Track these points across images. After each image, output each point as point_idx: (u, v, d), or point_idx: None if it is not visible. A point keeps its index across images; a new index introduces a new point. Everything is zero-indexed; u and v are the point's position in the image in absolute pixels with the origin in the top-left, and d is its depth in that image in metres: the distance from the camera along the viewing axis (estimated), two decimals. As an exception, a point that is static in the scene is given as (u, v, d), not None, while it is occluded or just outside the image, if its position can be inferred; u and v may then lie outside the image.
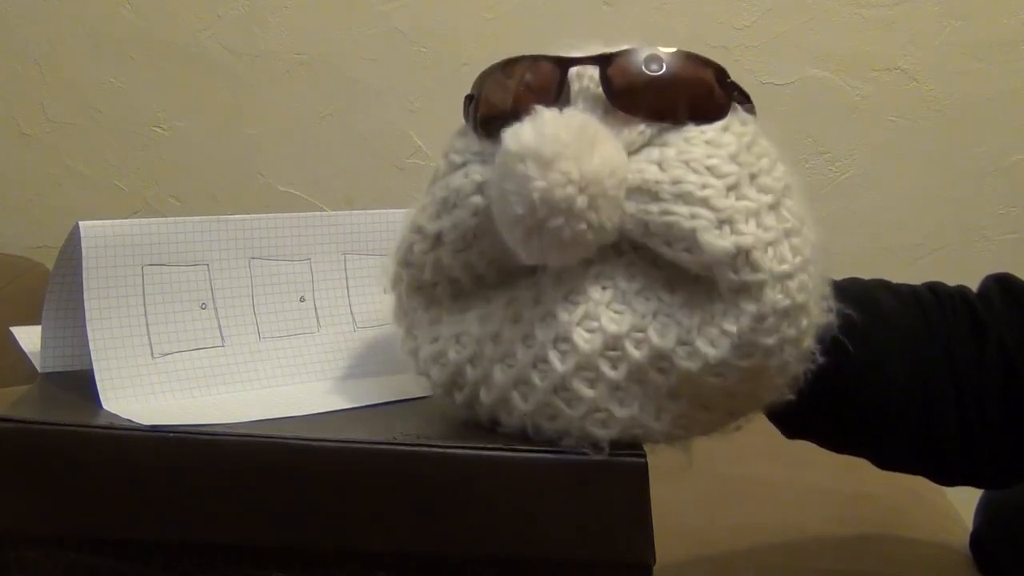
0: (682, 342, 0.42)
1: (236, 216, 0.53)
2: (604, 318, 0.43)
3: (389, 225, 0.57)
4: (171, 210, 1.48)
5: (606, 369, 0.43)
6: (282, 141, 1.47)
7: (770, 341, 0.43)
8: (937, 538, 0.78)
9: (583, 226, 0.41)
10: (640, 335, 0.43)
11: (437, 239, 0.46)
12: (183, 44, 1.46)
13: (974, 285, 0.61)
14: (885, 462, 0.59)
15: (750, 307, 0.42)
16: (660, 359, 0.43)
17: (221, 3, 1.45)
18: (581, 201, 0.41)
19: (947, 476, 0.60)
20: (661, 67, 0.44)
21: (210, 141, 1.48)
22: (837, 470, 0.61)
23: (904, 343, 0.56)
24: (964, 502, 0.77)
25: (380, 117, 1.45)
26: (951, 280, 0.62)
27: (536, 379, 0.43)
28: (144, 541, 0.43)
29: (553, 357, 0.43)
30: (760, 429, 0.55)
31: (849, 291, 0.58)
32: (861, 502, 0.82)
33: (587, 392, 0.43)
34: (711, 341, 0.42)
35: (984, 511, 0.76)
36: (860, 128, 1.39)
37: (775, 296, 0.42)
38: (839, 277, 0.59)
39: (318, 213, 0.55)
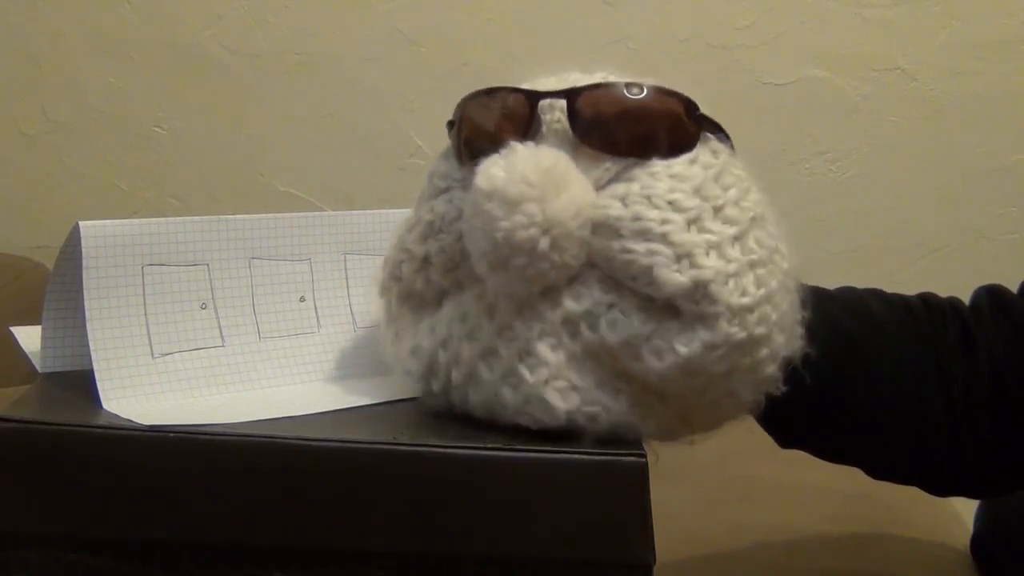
0: (628, 344, 0.43)
1: (236, 216, 0.53)
2: (565, 298, 0.44)
3: (389, 225, 0.57)
4: (171, 210, 1.48)
5: (566, 340, 0.44)
6: (282, 141, 1.47)
7: (719, 368, 0.43)
8: (937, 538, 0.78)
9: (546, 265, 0.42)
10: (593, 322, 0.44)
11: (425, 260, 0.47)
12: (183, 44, 1.46)
13: (974, 285, 0.61)
14: (877, 472, 0.60)
15: (704, 335, 0.42)
16: (608, 349, 0.43)
17: (221, 3, 1.45)
18: (544, 243, 0.42)
19: (938, 487, 0.60)
20: (627, 98, 0.45)
21: (210, 141, 1.48)
22: (837, 470, 0.61)
23: (895, 354, 0.56)
24: (964, 502, 0.77)
25: (380, 117, 1.45)
26: (951, 281, 0.62)
27: (501, 346, 0.44)
28: (144, 541, 0.43)
29: (517, 324, 0.44)
30: (760, 429, 0.56)
31: (842, 300, 0.58)
32: (861, 502, 0.82)
33: (549, 356, 0.43)
34: (658, 353, 0.43)
35: (985, 513, 0.77)
36: (860, 128, 1.39)
37: (730, 329, 0.43)
38: (840, 277, 0.59)
39: (318, 213, 0.55)
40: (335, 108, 1.46)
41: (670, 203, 0.43)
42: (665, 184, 0.44)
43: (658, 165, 0.44)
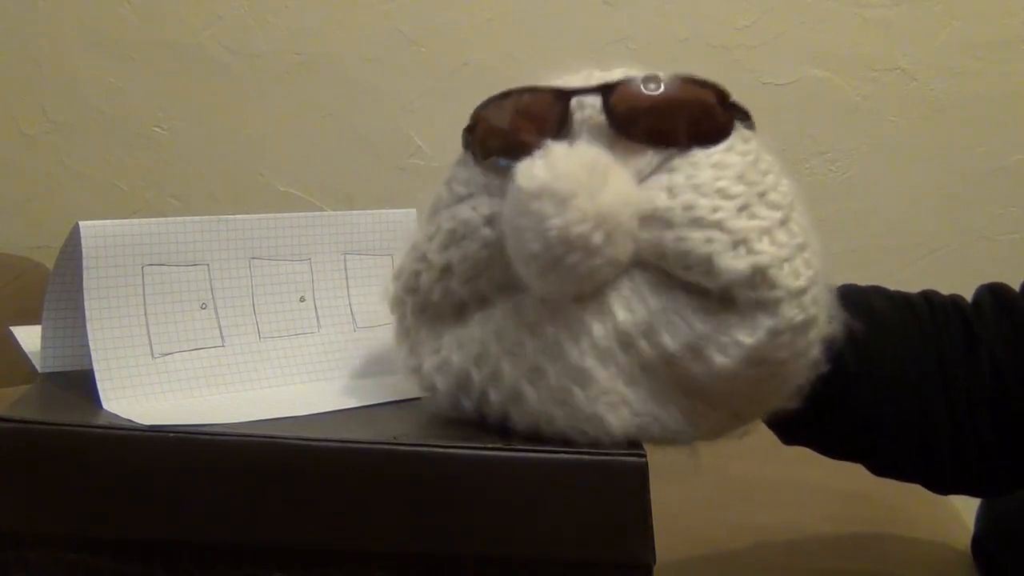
0: (691, 346, 0.43)
1: (236, 216, 0.53)
2: (616, 309, 0.43)
3: (389, 225, 0.57)
4: (171, 210, 1.48)
5: (618, 354, 0.43)
6: (282, 141, 1.47)
7: (782, 354, 0.43)
8: (937, 537, 0.78)
9: (599, 261, 0.42)
10: (650, 331, 0.43)
11: (445, 269, 0.46)
12: (183, 44, 1.46)
13: (974, 285, 0.61)
14: (880, 470, 0.60)
15: (767, 322, 0.42)
16: (668, 357, 0.43)
17: (221, 3, 1.45)
18: (597, 237, 0.41)
19: (939, 485, 0.60)
20: (661, 89, 0.45)
21: (210, 141, 1.48)
22: (837, 469, 0.61)
23: (896, 352, 0.56)
24: (965, 502, 0.77)
25: (380, 117, 1.45)
26: (951, 281, 0.62)
27: (549, 366, 0.43)
28: (144, 541, 0.43)
29: (566, 341, 0.43)
30: (760, 429, 0.55)
31: (844, 298, 0.58)
32: (861, 501, 0.82)
33: (600, 373, 0.43)
34: (722, 349, 0.42)
35: (986, 513, 0.76)
36: (860, 128, 1.39)
37: (792, 312, 0.43)
38: (840, 277, 0.59)
39: (318, 213, 0.55)
40: (335, 108, 1.46)
41: (718, 191, 0.43)
42: (709, 173, 0.44)
43: (698, 154, 0.44)
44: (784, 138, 1.36)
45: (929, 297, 0.60)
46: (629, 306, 0.43)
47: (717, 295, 0.43)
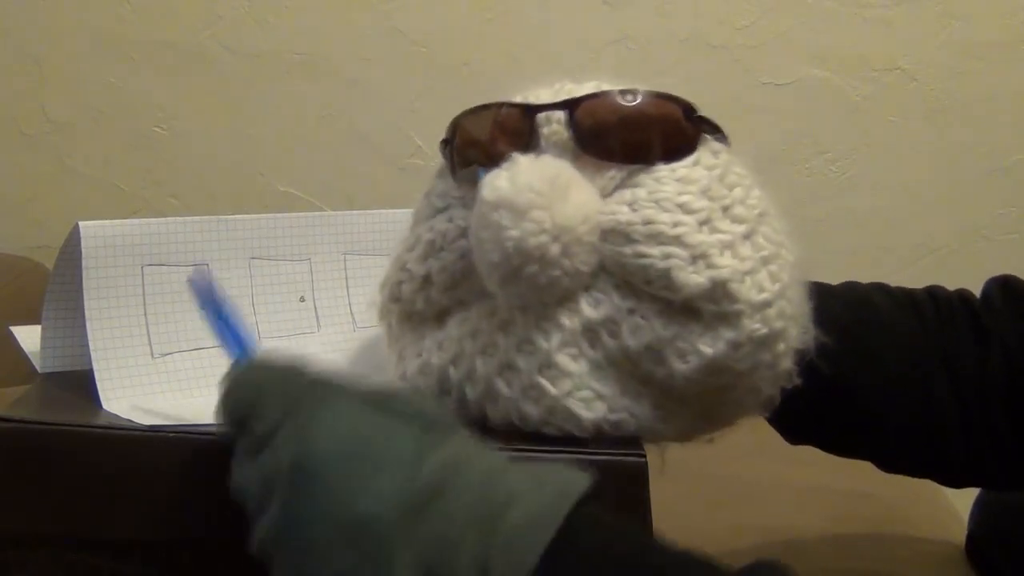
0: (651, 348, 0.43)
1: (236, 216, 0.53)
2: (583, 302, 0.44)
3: (389, 225, 0.57)
4: (171, 210, 1.48)
5: (586, 347, 0.43)
6: (282, 141, 1.47)
7: (743, 366, 0.44)
8: (936, 536, 0.78)
9: (557, 272, 0.42)
10: (614, 328, 0.43)
11: (426, 279, 0.47)
12: (183, 44, 1.46)
13: (973, 285, 0.61)
14: (890, 466, 0.59)
15: (728, 334, 0.43)
16: (630, 355, 0.43)
17: (221, 3, 1.45)
18: (555, 249, 0.42)
19: (953, 479, 0.60)
20: (626, 105, 0.45)
21: (210, 141, 1.48)
22: (837, 469, 0.61)
23: (898, 349, 0.56)
24: (964, 501, 0.77)
25: (380, 117, 1.45)
26: (951, 280, 0.62)
27: (520, 361, 0.44)
28: (144, 541, 0.43)
29: (536, 336, 0.44)
30: (760, 429, 0.56)
31: (845, 295, 0.58)
32: (861, 501, 0.82)
33: (571, 366, 0.43)
34: (681, 356, 0.43)
35: (978, 512, 0.76)
36: (860, 128, 1.39)
37: (753, 325, 0.43)
38: (839, 277, 0.59)
39: (318, 213, 0.56)
40: (335, 108, 1.46)
41: (680, 206, 0.43)
42: (672, 187, 0.44)
43: (663, 169, 0.45)
44: (784, 138, 1.37)
45: (933, 293, 0.59)
46: (596, 303, 0.44)
47: (680, 306, 0.43)
